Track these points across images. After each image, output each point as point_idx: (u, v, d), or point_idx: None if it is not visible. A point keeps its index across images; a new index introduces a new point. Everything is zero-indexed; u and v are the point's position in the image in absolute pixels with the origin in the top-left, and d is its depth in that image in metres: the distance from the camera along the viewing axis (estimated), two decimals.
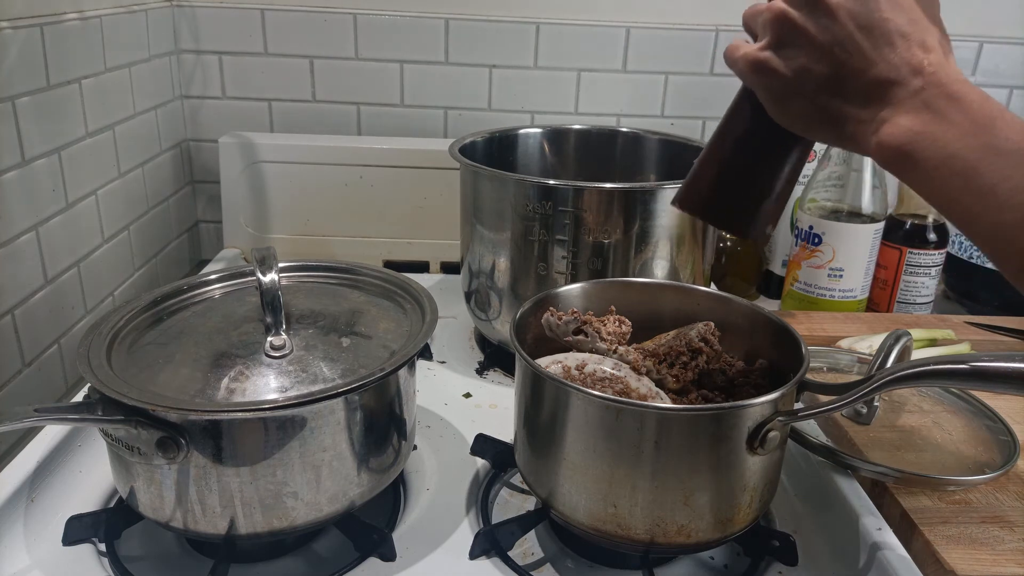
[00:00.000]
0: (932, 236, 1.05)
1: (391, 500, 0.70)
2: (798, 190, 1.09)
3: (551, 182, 0.83)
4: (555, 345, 0.69)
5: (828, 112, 0.47)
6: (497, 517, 0.68)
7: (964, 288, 1.16)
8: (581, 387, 0.58)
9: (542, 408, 0.61)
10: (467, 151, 0.95)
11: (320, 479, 0.59)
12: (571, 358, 0.65)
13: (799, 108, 0.49)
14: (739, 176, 0.54)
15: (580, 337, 0.68)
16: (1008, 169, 0.40)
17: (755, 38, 0.51)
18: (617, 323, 0.69)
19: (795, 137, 0.52)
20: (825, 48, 0.46)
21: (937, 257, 1.06)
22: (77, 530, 0.63)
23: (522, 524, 0.65)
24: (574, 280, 0.84)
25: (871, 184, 1.01)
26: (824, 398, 0.60)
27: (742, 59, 0.50)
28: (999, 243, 0.41)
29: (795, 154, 0.54)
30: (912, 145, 0.44)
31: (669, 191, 0.83)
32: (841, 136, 0.48)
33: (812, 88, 0.47)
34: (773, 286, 1.17)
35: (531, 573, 0.63)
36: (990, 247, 0.43)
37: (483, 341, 1.00)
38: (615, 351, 0.67)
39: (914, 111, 0.44)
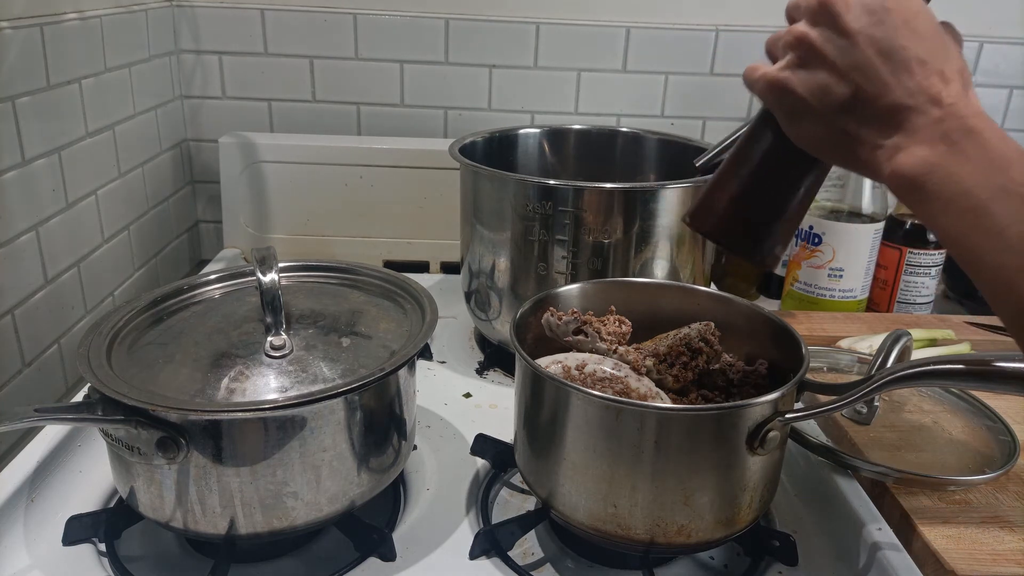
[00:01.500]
0: (932, 236, 1.05)
1: (391, 500, 0.70)
2: None
3: (551, 182, 0.83)
4: (555, 345, 0.69)
5: (844, 135, 0.48)
6: (497, 517, 0.68)
7: (964, 288, 1.16)
8: (581, 387, 0.58)
9: (542, 408, 0.61)
10: (467, 151, 0.95)
11: (320, 479, 0.59)
12: (571, 358, 0.65)
13: (815, 129, 0.49)
14: (754, 197, 0.54)
15: (580, 337, 0.68)
16: (1020, 213, 0.41)
17: (775, 62, 0.51)
18: (617, 323, 0.69)
19: (812, 160, 0.52)
20: (843, 71, 0.46)
21: (937, 257, 1.06)
22: (77, 530, 0.63)
23: (522, 524, 0.65)
24: (574, 280, 0.84)
25: (871, 184, 1.01)
26: (824, 398, 0.60)
27: (761, 78, 0.50)
28: (1000, 285, 0.42)
29: (810, 178, 0.54)
30: (926, 177, 0.44)
31: (669, 191, 0.84)
32: (855, 160, 0.48)
33: (829, 110, 0.47)
34: (773, 286, 1.17)
35: (531, 573, 0.63)
36: (990, 288, 0.43)
37: (483, 341, 1.00)
38: (615, 351, 0.67)
39: (931, 142, 0.44)
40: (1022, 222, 0.41)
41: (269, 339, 0.61)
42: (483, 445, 0.75)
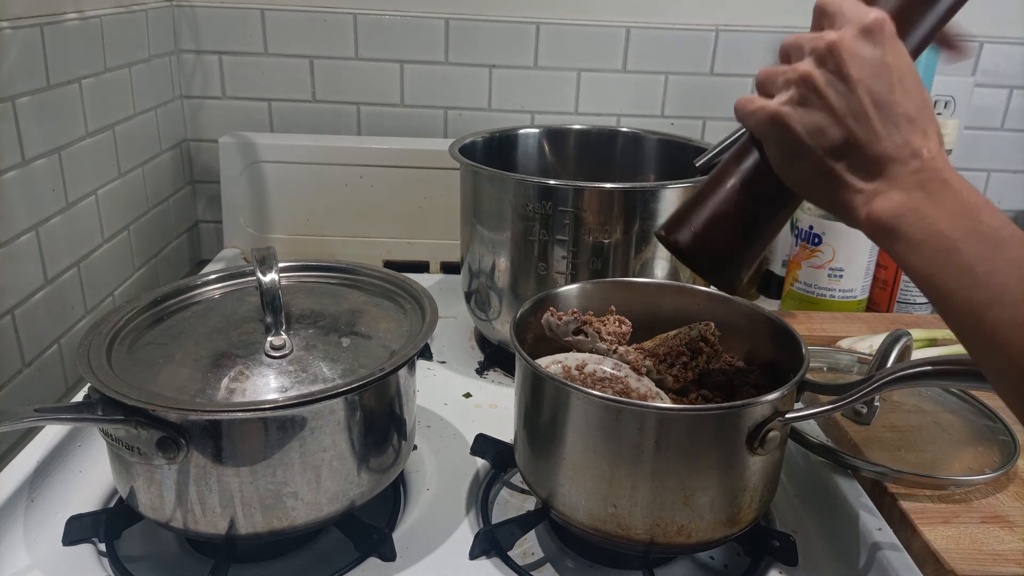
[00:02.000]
0: None
1: (391, 500, 0.70)
2: None
3: (551, 182, 0.83)
4: (555, 345, 0.69)
5: (830, 176, 0.49)
6: (497, 517, 0.68)
7: None
8: (581, 387, 0.58)
9: (542, 408, 0.61)
10: (467, 151, 0.95)
11: (320, 479, 0.59)
12: (571, 358, 0.65)
13: (803, 167, 0.50)
14: (729, 221, 0.55)
15: (580, 337, 0.68)
16: (987, 252, 0.44)
17: (765, 96, 0.52)
18: (617, 323, 0.69)
19: (789, 193, 0.54)
20: (839, 115, 0.48)
21: None
22: (77, 530, 0.63)
23: (522, 524, 0.65)
24: (574, 280, 0.84)
25: None
26: (824, 398, 0.60)
27: (760, 110, 0.51)
28: (969, 319, 0.44)
29: (785, 210, 0.56)
30: (901, 219, 0.47)
31: (669, 191, 0.84)
32: (834, 201, 0.50)
33: (820, 150, 0.49)
34: (773, 286, 1.17)
35: (531, 573, 0.63)
36: (960, 323, 0.45)
37: (483, 341, 1.00)
38: (615, 351, 0.67)
39: (908, 189, 0.47)
40: (990, 260, 0.43)
41: (269, 339, 0.61)
42: (483, 445, 0.75)
